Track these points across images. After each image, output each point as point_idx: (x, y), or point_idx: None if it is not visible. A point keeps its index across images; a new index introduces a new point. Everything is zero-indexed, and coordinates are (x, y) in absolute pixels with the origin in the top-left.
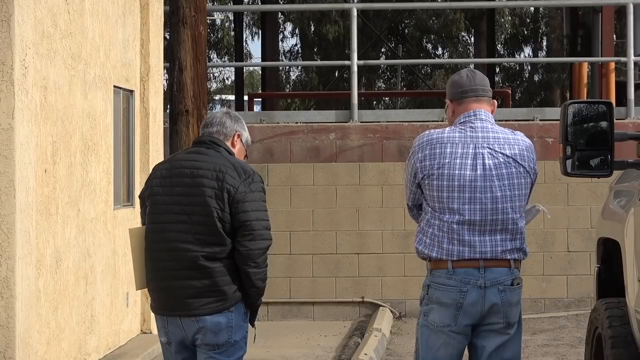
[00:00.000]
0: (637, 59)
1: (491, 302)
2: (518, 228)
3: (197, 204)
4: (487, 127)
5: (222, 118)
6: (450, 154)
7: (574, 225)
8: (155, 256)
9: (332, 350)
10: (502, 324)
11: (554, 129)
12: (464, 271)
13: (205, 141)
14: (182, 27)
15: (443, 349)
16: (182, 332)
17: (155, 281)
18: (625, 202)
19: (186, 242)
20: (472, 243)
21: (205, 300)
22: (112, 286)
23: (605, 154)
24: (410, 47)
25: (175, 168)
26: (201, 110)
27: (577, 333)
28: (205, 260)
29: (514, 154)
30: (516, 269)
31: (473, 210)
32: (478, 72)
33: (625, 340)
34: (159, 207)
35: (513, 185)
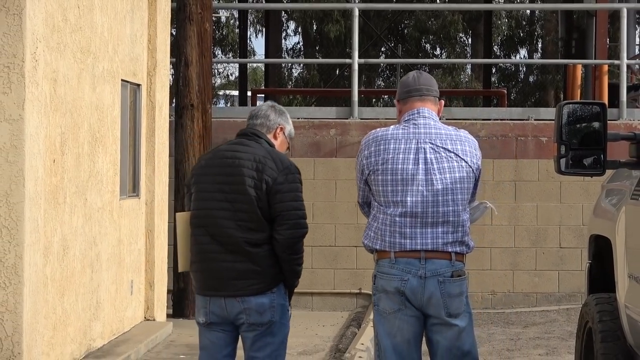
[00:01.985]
0: (629, 62)
1: (430, 291)
2: (459, 221)
3: (239, 192)
4: (430, 124)
5: (267, 111)
6: (393, 150)
7: (566, 222)
8: (201, 240)
9: (329, 339)
10: (444, 314)
11: (548, 128)
12: (405, 261)
13: (247, 133)
14: (188, 23)
15: (399, 334)
16: (225, 312)
17: (200, 263)
18: (616, 201)
19: (230, 227)
20: (413, 235)
21: (249, 281)
22: (117, 274)
23: (598, 153)
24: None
25: (218, 158)
26: (206, 104)
27: (568, 327)
28: (248, 245)
29: (455, 149)
30: (458, 261)
31: (415, 203)
32: (425, 73)
33: (614, 335)
34: (203, 194)
35: (454, 178)
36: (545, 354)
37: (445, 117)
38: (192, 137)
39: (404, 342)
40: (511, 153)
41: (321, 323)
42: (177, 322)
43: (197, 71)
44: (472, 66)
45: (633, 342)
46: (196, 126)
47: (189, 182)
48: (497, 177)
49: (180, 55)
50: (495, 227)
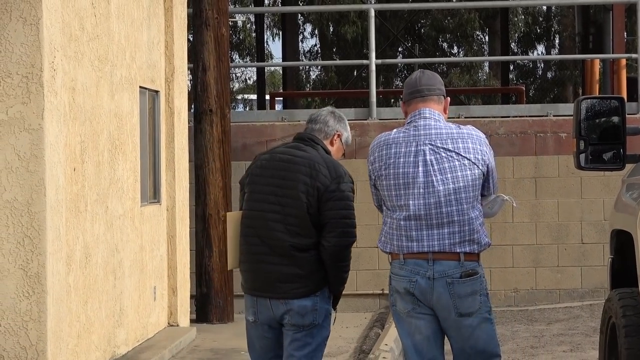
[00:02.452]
0: None
1: (439, 292)
2: (466, 219)
3: (291, 196)
4: (430, 125)
5: (326, 117)
6: (394, 154)
7: (587, 218)
8: (250, 240)
9: (353, 341)
10: (455, 314)
11: (567, 124)
12: (414, 262)
13: (304, 138)
14: (205, 29)
15: (417, 333)
16: (271, 312)
17: (249, 263)
18: (637, 195)
19: (279, 231)
20: (419, 237)
21: (293, 285)
22: (139, 280)
23: (617, 148)
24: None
25: (274, 160)
26: (224, 109)
27: (592, 323)
28: (295, 250)
29: (456, 148)
30: (468, 261)
31: (417, 206)
32: (428, 72)
33: (638, 329)
34: (256, 195)
35: (456, 177)
36: (570, 350)
37: (463, 115)
38: (211, 142)
39: (423, 340)
40: (531, 150)
41: (345, 324)
42: (201, 327)
43: (214, 76)
44: (490, 64)
45: None
46: (215, 131)
47: (243, 181)
48: (517, 174)
49: (198, 61)
50: (517, 224)
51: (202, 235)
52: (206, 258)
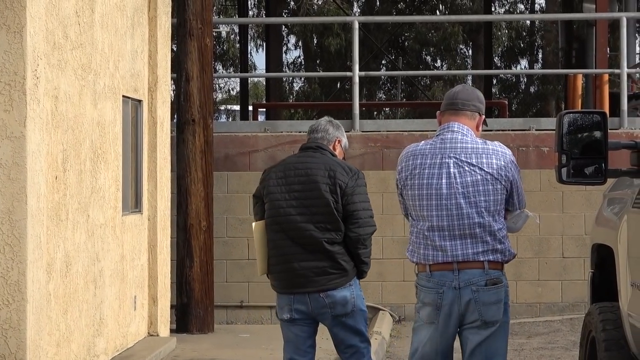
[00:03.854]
0: (630, 71)
1: (466, 301)
2: (487, 231)
3: (315, 197)
4: (457, 138)
5: (325, 125)
6: (420, 165)
7: (568, 232)
8: (281, 244)
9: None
10: (479, 321)
11: (549, 138)
12: (440, 274)
13: (312, 146)
14: (189, 39)
15: (429, 344)
16: (308, 307)
17: (282, 264)
18: (618, 209)
19: (310, 230)
20: (444, 247)
21: (330, 277)
22: (120, 290)
23: (599, 162)
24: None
25: (290, 170)
26: (207, 119)
27: (572, 337)
28: (327, 244)
29: (480, 163)
30: (493, 269)
31: (440, 217)
32: (469, 87)
33: (618, 344)
34: (279, 203)
35: (478, 191)
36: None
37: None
38: (193, 152)
39: (432, 352)
40: None
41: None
42: (181, 337)
43: (198, 86)
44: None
45: (636, 350)
46: (198, 141)
47: (259, 193)
48: None
49: (181, 71)
50: None
51: (183, 245)
52: (187, 268)
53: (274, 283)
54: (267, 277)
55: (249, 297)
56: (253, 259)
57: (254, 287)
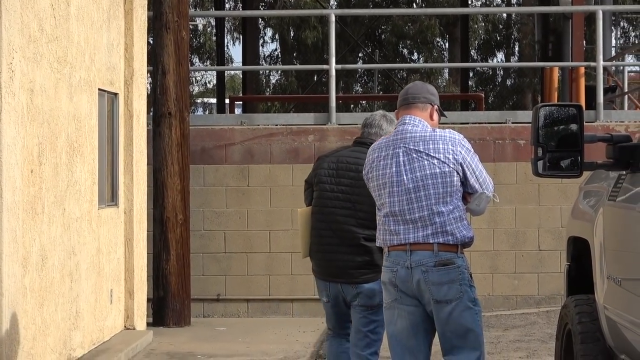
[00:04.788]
0: (606, 64)
1: (417, 279)
2: (435, 214)
3: (361, 194)
4: (407, 129)
5: (379, 121)
6: (377, 158)
7: (544, 225)
8: (323, 233)
9: (310, 345)
10: (433, 300)
11: (525, 131)
12: (395, 254)
13: (366, 142)
14: (165, 32)
15: (399, 321)
16: (342, 295)
17: (322, 253)
18: (594, 202)
19: (350, 224)
20: (397, 231)
21: (363, 271)
22: (96, 283)
23: (575, 155)
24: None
25: (342, 162)
26: (183, 112)
27: (548, 329)
28: (365, 241)
29: (427, 149)
30: (444, 251)
31: (392, 203)
32: (419, 83)
33: (594, 336)
34: (327, 194)
35: (425, 176)
36: (526, 357)
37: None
38: (170, 146)
39: (403, 330)
40: (489, 156)
41: (302, 329)
42: (158, 330)
43: (174, 79)
44: (450, 70)
45: (612, 343)
46: (174, 134)
47: (310, 179)
48: None
49: (158, 64)
50: (475, 230)
51: (159, 238)
52: (163, 261)
53: (314, 268)
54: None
55: (226, 290)
56: (230, 252)
57: (230, 280)
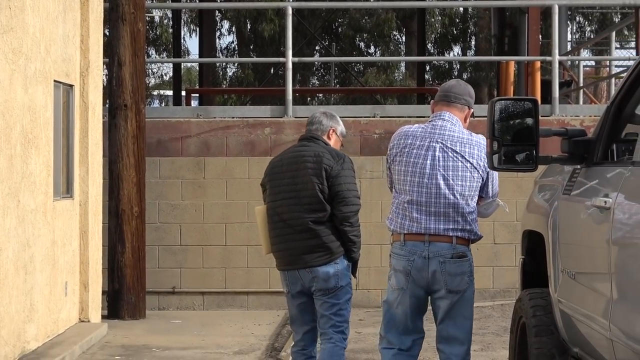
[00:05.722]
0: (561, 58)
1: (433, 269)
2: (459, 212)
3: (303, 182)
4: (446, 127)
5: (319, 117)
6: (409, 145)
7: (500, 219)
8: (276, 225)
9: (265, 338)
10: (444, 290)
11: (481, 125)
12: (412, 243)
13: (307, 137)
14: (121, 23)
15: (400, 307)
16: (300, 282)
17: (278, 244)
18: (549, 196)
19: (297, 211)
20: (419, 220)
21: (316, 254)
22: (51, 276)
23: (530, 149)
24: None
25: (286, 159)
26: (139, 104)
27: (503, 322)
28: (313, 224)
29: (462, 151)
30: (460, 245)
31: (419, 193)
32: (463, 83)
33: (548, 329)
34: (276, 189)
35: (457, 176)
36: (481, 350)
37: (379, 114)
38: (125, 138)
39: (402, 313)
40: None
41: (257, 322)
42: (112, 323)
43: (130, 71)
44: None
45: (566, 336)
46: (130, 126)
47: (264, 182)
48: None
49: (114, 56)
50: None
51: (115, 231)
52: (119, 254)
53: (276, 261)
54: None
55: (181, 283)
56: (185, 245)
57: (186, 273)
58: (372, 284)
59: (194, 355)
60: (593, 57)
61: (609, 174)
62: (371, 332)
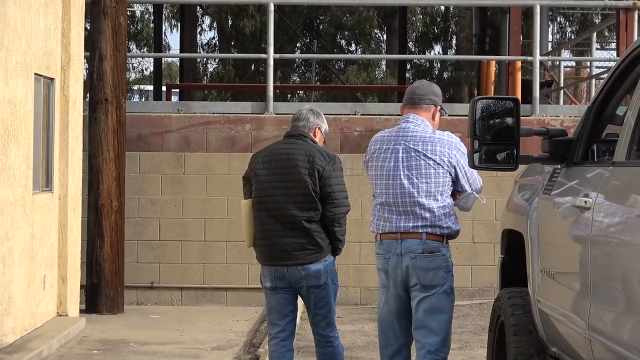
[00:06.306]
0: (542, 59)
1: (406, 265)
2: (427, 208)
3: (296, 180)
4: (409, 128)
5: (306, 114)
6: (378, 150)
7: (479, 217)
8: (264, 221)
9: (243, 334)
10: (419, 285)
11: (462, 124)
12: (387, 242)
13: (295, 134)
14: (102, 17)
15: (385, 306)
16: (287, 278)
17: (266, 239)
18: (529, 196)
19: (290, 209)
20: (390, 220)
21: (307, 252)
22: (29, 269)
23: (511, 148)
24: (324, 43)
25: (274, 155)
26: (120, 99)
27: (481, 321)
28: (305, 222)
29: (425, 149)
30: (431, 240)
31: (387, 194)
32: (426, 83)
33: (526, 328)
34: (264, 184)
35: (420, 174)
36: (459, 349)
37: (359, 112)
38: (106, 132)
39: (388, 313)
40: None
41: (235, 318)
42: (90, 317)
43: (111, 65)
44: (387, 62)
45: (544, 335)
46: (110, 120)
47: (248, 175)
48: None
49: (95, 50)
50: None
51: (94, 225)
52: (97, 248)
53: (258, 255)
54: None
55: (160, 278)
56: (164, 240)
57: (164, 268)
58: (350, 282)
59: (172, 351)
60: (574, 58)
61: (589, 174)
62: (349, 329)
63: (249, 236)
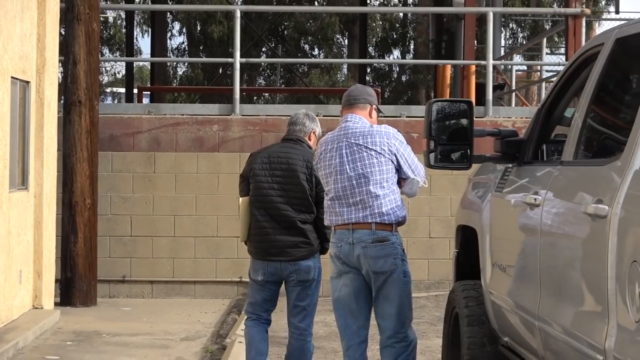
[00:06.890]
0: (495, 63)
1: (357, 254)
2: (372, 197)
3: (294, 184)
4: (349, 126)
5: (302, 119)
6: (324, 151)
7: (435, 214)
8: (261, 219)
9: (211, 325)
10: (371, 272)
11: (419, 125)
12: (340, 232)
13: (292, 138)
14: (76, 23)
15: (343, 288)
16: (279, 272)
17: (261, 236)
18: (482, 193)
19: (287, 210)
20: (341, 213)
21: (299, 250)
22: (6, 264)
23: (465, 148)
24: (289, 48)
25: (273, 157)
26: (93, 101)
27: (437, 312)
28: (300, 223)
29: (365, 142)
30: (381, 230)
31: (336, 189)
32: (360, 86)
33: (479, 319)
34: (263, 185)
35: (364, 165)
36: None
37: (322, 113)
38: (79, 133)
39: (346, 295)
40: None
41: (203, 310)
42: (65, 310)
43: (84, 69)
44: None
45: (497, 326)
46: (84, 122)
47: (246, 174)
48: None
49: (69, 54)
50: None
51: (68, 221)
52: (71, 244)
53: (252, 250)
54: (245, 244)
55: (131, 272)
56: (135, 236)
57: (136, 262)
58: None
59: (142, 341)
60: (525, 62)
61: (539, 172)
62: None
63: (245, 231)
